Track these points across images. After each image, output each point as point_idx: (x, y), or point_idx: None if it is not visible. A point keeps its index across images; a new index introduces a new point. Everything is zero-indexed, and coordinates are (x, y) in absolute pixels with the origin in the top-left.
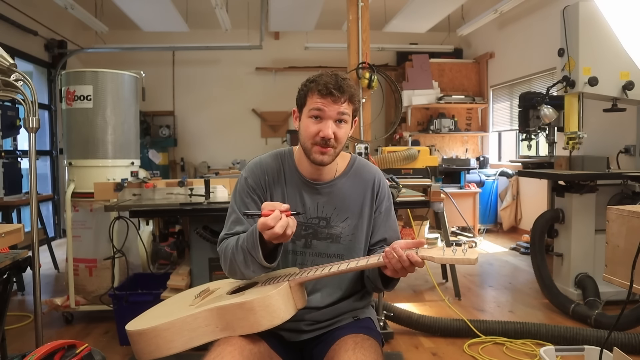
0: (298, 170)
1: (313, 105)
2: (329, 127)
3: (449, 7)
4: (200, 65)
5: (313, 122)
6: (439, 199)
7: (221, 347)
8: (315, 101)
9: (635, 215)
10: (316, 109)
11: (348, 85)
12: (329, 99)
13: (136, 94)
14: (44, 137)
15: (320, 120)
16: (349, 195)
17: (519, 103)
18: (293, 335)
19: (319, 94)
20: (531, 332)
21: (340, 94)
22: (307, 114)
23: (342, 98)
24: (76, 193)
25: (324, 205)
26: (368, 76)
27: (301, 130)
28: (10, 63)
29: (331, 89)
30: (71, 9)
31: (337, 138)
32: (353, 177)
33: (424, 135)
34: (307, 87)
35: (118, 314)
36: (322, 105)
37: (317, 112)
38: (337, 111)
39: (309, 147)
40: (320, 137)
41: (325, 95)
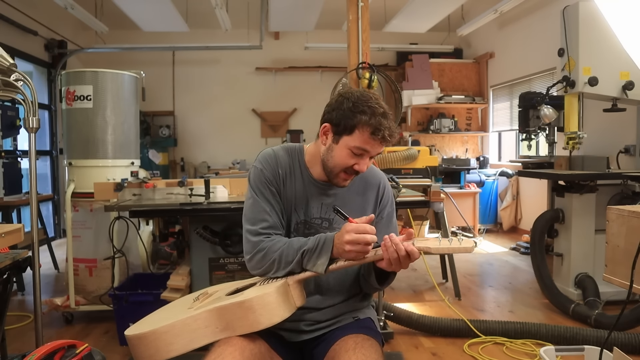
0: (308, 170)
1: (361, 145)
2: (366, 163)
3: (449, 7)
4: (200, 65)
5: (352, 156)
6: (439, 199)
7: (221, 348)
8: (364, 140)
9: (635, 215)
10: (363, 149)
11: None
12: (379, 142)
13: (136, 94)
14: (44, 137)
15: (358, 157)
16: (354, 198)
17: (519, 103)
18: (293, 335)
19: (372, 135)
20: (531, 332)
21: (389, 140)
22: (349, 146)
23: (388, 144)
24: (76, 193)
25: (328, 207)
26: (368, 76)
27: (334, 154)
28: (10, 63)
29: (385, 134)
30: (71, 9)
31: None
32: (359, 181)
33: (424, 135)
34: (357, 117)
35: (118, 314)
36: (370, 147)
37: (361, 152)
38: (377, 153)
39: (335, 172)
40: (353, 170)
41: (376, 137)
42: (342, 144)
